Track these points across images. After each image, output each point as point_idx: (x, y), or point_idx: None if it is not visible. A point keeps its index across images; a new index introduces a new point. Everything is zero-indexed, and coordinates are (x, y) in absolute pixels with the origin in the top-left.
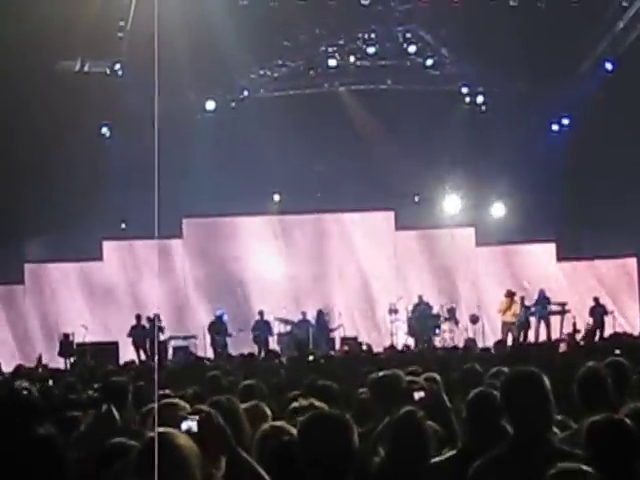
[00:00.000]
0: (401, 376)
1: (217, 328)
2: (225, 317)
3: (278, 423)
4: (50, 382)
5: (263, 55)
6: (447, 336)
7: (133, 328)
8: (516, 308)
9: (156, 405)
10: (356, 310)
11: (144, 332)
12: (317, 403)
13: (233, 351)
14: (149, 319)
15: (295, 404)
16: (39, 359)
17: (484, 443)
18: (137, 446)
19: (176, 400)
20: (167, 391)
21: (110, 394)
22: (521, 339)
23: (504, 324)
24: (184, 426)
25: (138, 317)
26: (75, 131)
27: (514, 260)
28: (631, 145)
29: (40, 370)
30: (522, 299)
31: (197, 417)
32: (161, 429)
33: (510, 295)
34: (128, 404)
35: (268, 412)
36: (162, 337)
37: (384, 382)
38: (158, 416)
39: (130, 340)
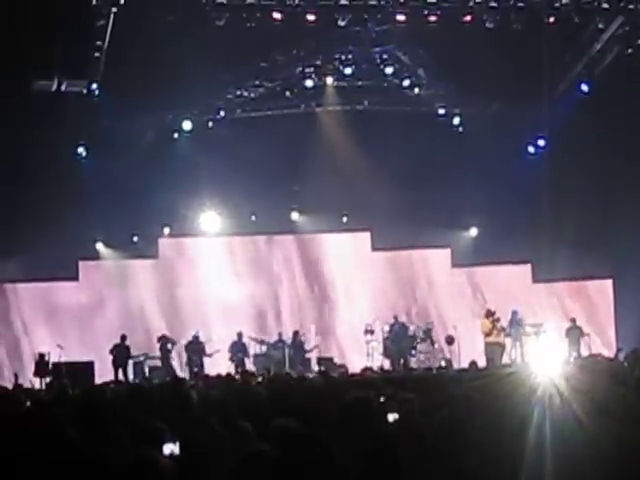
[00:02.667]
0: (374, 398)
1: (193, 348)
2: (201, 337)
3: (260, 445)
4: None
5: (240, 75)
6: (423, 357)
7: (116, 346)
8: (499, 327)
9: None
10: (332, 331)
11: (127, 352)
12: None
13: (208, 371)
14: (159, 339)
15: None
16: (16, 379)
17: None
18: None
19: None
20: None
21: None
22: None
23: (488, 345)
24: (166, 449)
25: (123, 337)
26: (52, 151)
27: (490, 281)
28: (606, 166)
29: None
30: (499, 319)
31: (178, 441)
32: (142, 451)
33: (490, 315)
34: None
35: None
36: (139, 358)
37: (358, 403)
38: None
39: (110, 358)
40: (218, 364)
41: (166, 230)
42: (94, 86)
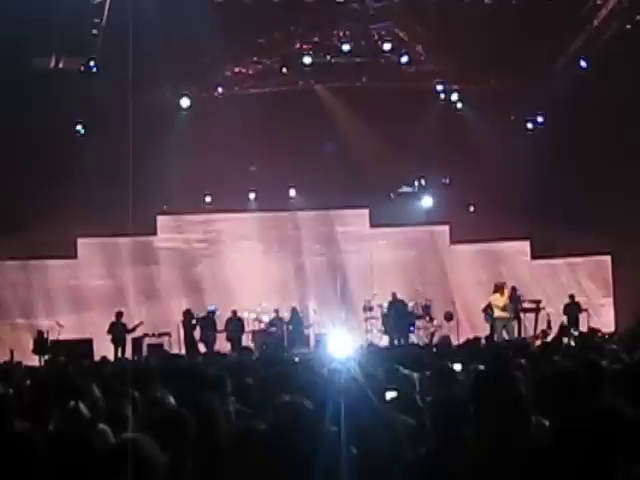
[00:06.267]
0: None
1: (208, 323)
2: (218, 313)
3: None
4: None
5: (238, 52)
6: (422, 333)
7: (112, 325)
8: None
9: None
10: (331, 308)
11: (123, 329)
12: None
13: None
14: (184, 313)
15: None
16: (11, 355)
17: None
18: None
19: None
20: None
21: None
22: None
23: (500, 319)
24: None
25: (118, 314)
26: (50, 128)
27: (489, 258)
28: (605, 143)
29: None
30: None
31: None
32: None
33: (500, 288)
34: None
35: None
36: (137, 334)
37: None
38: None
39: (109, 337)
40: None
41: (164, 207)
42: (92, 63)
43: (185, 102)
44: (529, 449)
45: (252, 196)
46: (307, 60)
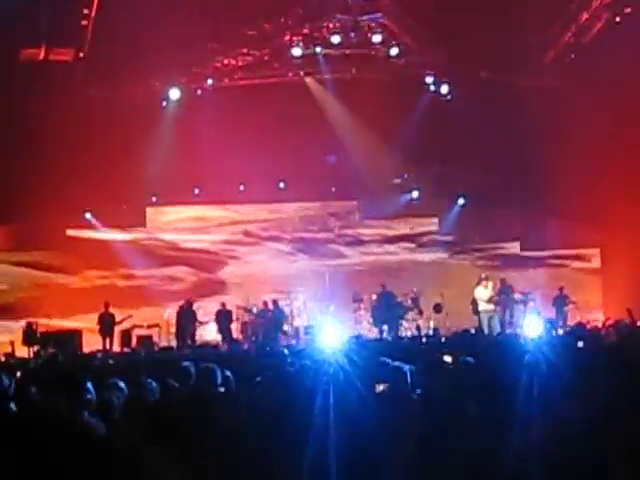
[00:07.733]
0: None
1: (187, 315)
2: (194, 305)
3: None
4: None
5: (227, 44)
6: (411, 325)
7: (101, 316)
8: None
9: None
10: (321, 299)
11: (112, 320)
12: None
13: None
14: (180, 307)
15: None
16: (12, 347)
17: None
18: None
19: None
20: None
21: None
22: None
23: (485, 312)
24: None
25: (106, 305)
26: (38, 120)
27: (479, 249)
28: (594, 136)
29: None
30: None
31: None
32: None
33: (485, 280)
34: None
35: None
36: (126, 325)
37: None
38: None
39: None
40: (206, 333)
41: (154, 199)
42: (81, 54)
43: (175, 94)
44: (525, 441)
45: (241, 187)
46: (297, 52)
